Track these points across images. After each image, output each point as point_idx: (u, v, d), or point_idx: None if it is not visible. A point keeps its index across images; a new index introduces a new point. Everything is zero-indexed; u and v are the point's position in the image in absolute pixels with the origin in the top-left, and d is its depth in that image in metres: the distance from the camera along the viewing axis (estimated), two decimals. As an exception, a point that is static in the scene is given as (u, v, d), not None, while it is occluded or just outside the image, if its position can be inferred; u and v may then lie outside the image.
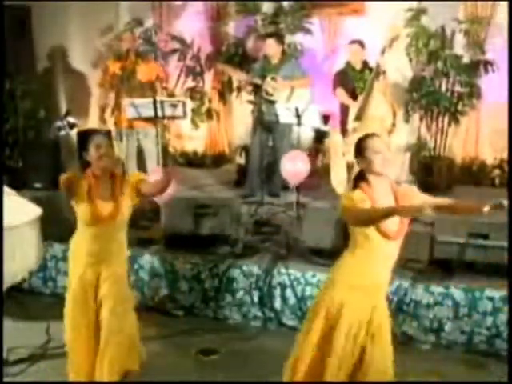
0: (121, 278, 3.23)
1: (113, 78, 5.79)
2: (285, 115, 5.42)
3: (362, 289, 2.73)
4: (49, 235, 4.10)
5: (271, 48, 5.83)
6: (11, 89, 6.75)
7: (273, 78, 5.74)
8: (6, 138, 6.61)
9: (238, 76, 6.40)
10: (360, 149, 2.73)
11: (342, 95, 5.79)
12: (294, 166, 5.12)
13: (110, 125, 6.11)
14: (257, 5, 7.08)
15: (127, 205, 3.14)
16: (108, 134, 5.64)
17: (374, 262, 2.71)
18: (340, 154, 5.65)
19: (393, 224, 2.66)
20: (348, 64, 5.82)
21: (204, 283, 4.36)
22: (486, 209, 2.52)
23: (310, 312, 2.90)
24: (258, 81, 5.80)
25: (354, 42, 5.80)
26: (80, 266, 3.17)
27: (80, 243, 3.18)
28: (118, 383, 3.16)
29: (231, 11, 7.49)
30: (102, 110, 6.03)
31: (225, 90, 7.58)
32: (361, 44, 5.75)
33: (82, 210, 3.10)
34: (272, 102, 5.70)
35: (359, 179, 2.74)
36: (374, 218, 2.58)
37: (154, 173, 4.53)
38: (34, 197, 4.03)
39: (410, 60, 6.59)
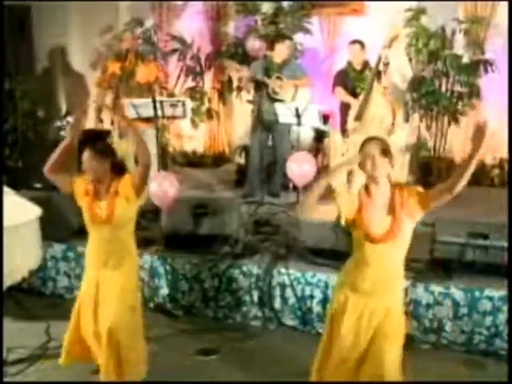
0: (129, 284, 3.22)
1: (112, 77, 5.78)
2: (284, 115, 5.42)
3: (365, 292, 2.77)
4: (48, 235, 4.10)
5: (282, 54, 5.78)
6: (11, 89, 6.74)
7: (278, 77, 5.74)
8: (6, 138, 6.60)
9: (242, 73, 6.35)
10: (359, 152, 2.76)
11: (341, 94, 5.79)
12: (300, 168, 5.08)
13: (107, 125, 6.07)
14: (256, 5, 7.08)
15: (122, 205, 3.10)
16: (108, 134, 5.63)
17: (369, 266, 2.74)
18: (339, 154, 5.64)
19: (379, 227, 2.67)
20: (349, 64, 5.81)
21: (204, 283, 4.36)
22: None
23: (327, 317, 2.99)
24: (261, 79, 5.77)
25: (354, 42, 5.78)
26: (90, 270, 3.25)
27: (89, 246, 3.26)
28: (119, 383, 3.15)
29: (231, 11, 7.50)
30: (99, 110, 5.98)
31: (225, 90, 7.59)
32: (361, 44, 5.73)
33: (84, 211, 3.17)
34: (278, 101, 5.68)
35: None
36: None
37: (155, 178, 4.44)
38: (34, 197, 4.01)
39: (410, 60, 6.59)
